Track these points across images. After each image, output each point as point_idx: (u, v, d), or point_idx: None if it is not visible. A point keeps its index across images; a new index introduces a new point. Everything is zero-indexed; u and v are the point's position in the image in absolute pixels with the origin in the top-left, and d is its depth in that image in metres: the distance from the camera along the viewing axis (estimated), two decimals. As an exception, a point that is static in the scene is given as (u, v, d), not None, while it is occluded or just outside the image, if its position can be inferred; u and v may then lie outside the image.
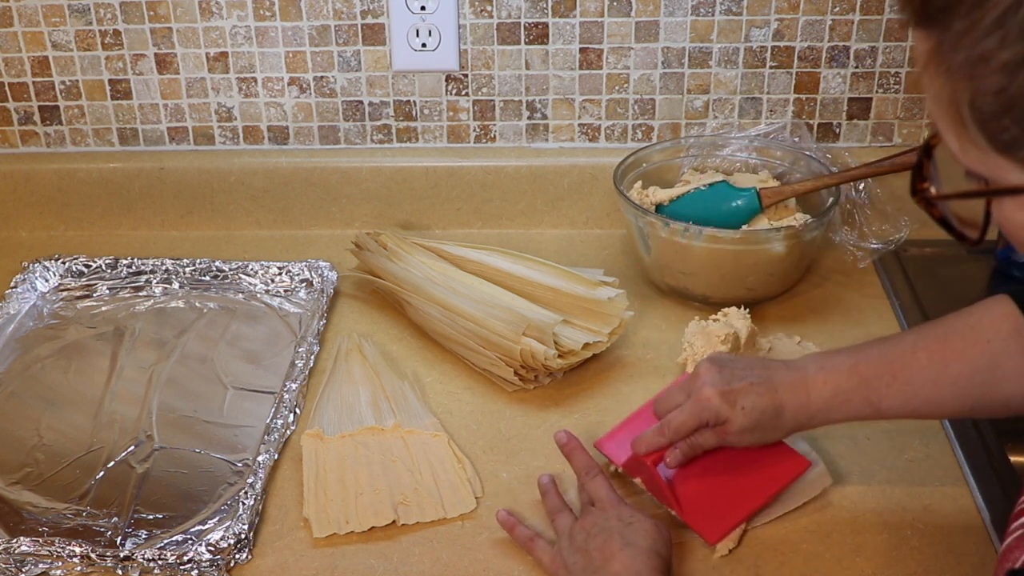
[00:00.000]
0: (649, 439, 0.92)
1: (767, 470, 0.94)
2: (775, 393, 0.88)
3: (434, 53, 1.35)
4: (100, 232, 1.44)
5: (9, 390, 1.14)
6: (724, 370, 0.90)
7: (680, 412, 0.91)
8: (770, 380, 0.89)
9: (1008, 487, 0.96)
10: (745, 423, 0.89)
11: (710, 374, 0.90)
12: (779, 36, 1.33)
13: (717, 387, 0.89)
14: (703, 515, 0.92)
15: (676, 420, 0.90)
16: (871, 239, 1.27)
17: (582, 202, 1.40)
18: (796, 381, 0.89)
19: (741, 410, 0.88)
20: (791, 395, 0.88)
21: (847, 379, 0.87)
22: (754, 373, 0.90)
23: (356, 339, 1.19)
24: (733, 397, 0.88)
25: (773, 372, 0.90)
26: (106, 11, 1.35)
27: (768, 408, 0.88)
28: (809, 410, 0.89)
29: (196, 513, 0.96)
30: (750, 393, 0.88)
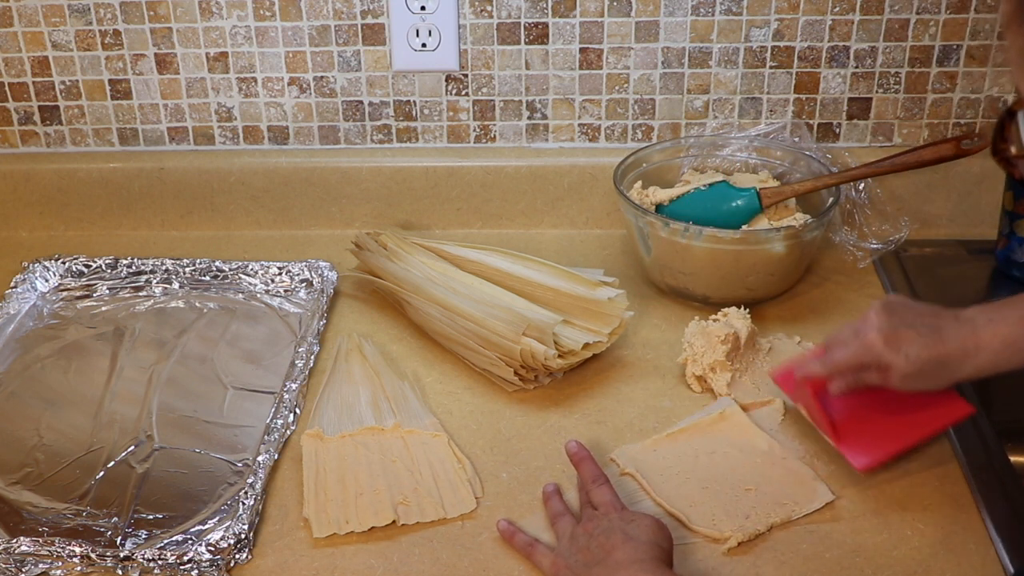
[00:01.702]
0: (812, 367, 0.96)
1: (927, 410, 0.96)
2: (942, 344, 0.90)
3: (434, 53, 1.35)
4: (100, 232, 1.44)
5: (9, 390, 1.14)
6: (894, 316, 0.91)
7: (844, 349, 0.94)
8: (938, 330, 0.90)
9: (1008, 487, 0.96)
10: (908, 370, 0.90)
11: (879, 318, 0.91)
12: (779, 36, 1.33)
13: (883, 332, 0.91)
14: (855, 442, 0.95)
15: (839, 356, 0.94)
16: (871, 239, 1.27)
17: (582, 202, 1.40)
18: (966, 334, 0.90)
19: (905, 357, 0.90)
20: (959, 346, 0.90)
21: (1016, 329, 0.89)
22: (923, 321, 0.91)
23: (356, 339, 1.19)
24: (897, 344, 0.90)
25: (944, 322, 0.91)
26: (106, 11, 1.35)
27: (932, 358, 0.90)
28: (977, 361, 0.90)
29: (196, 513, 0.96)
30: (915, 342, 0.90)
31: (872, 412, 0.98)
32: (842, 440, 0.97)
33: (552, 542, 0.92)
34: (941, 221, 1.38)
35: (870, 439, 0.96)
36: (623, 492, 0.96)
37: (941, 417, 0.97)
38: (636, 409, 1.09)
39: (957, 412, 0.97)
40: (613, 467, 1.01)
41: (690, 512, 0.94)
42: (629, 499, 0.96)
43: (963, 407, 0.97)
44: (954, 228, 1.38)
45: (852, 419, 0.97)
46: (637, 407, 1.09)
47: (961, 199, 1.37)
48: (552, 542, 0.92)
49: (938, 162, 1.20)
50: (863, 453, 0.95)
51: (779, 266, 1.20)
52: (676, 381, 1.12)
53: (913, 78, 1.34)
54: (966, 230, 1.37)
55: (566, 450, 0.98)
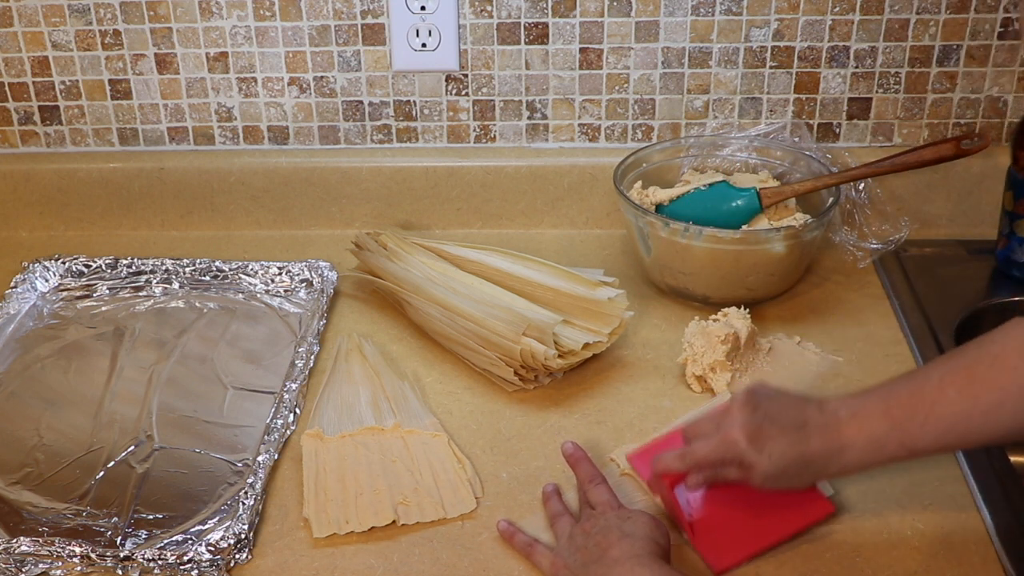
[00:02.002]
0: (669, 461, 0.90)
1: (788, 508, 0.92)
2: (807, 443, 0.86)
3: (434, 53, 1.35)
4: (100, 232, 1.44)
5: (9, 390, 1.14)
6: (758, 411, 0.87)
7: (705, 444, 0.89)
8: (803, 428, 0.86)
9: (1008, 487, 0.96)
10: (771, 470, 0.86)
11: (743, 412, 0.87)
12: (779, 36, 1.33)
13: (746, 428, 0.86)
14: (713, 542, 0.90)
15: (700, 452, 0.89)
16: (871, 239, 1.27)
17: (582, 202, 1.40)
18: (830, 432, 0.86)
19: (768, 457, 0.86)
20: (824, 446, 0.86)
21: (880, 424, 0.85)
22: (788, 417, 0.87)
23: (356, 339, 1.19)
24: (762, 442, 0.86)
25: (808, 418, 0.87)
26: (106, 11, 1.35)
27: (797, 459, 0.86)
28: (842, 460, 0.86)
29: (196, 513, 0.96)
30: (780, 440, 0.86)
31: (730, 509, 0.92)
32: (698, 539, 0.91)
33: (552, 542, 0.92)
34: (941, 221, 1.38)
35: (728, 539, 0.91)
36: (623, 492, 0.96)
37: (802, 516, 0.92)
38: (636, 409, 1.09)
39: (818, 511, 0.93)
40: (613, 467, 1.01)
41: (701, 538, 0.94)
42: (629, 499, 0.96)
43: (824, 505, 0.93)
44: (954, 228, 1.38)
45: (709, 516, 0.92)
46: (637, 407, 1.09)
47: (961, 199, 1.36)
48: (552, 542, 0.92)
49: (938, 162, 1.20)
50: (720, 554, 0.90)
51: (779, 266, 1.20)
52: (676, 381, 1.12)
53: (913, 78, 1.34)
54: (966, 230, 1.37)
55: (562, 451, 0.98)
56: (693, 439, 0.91)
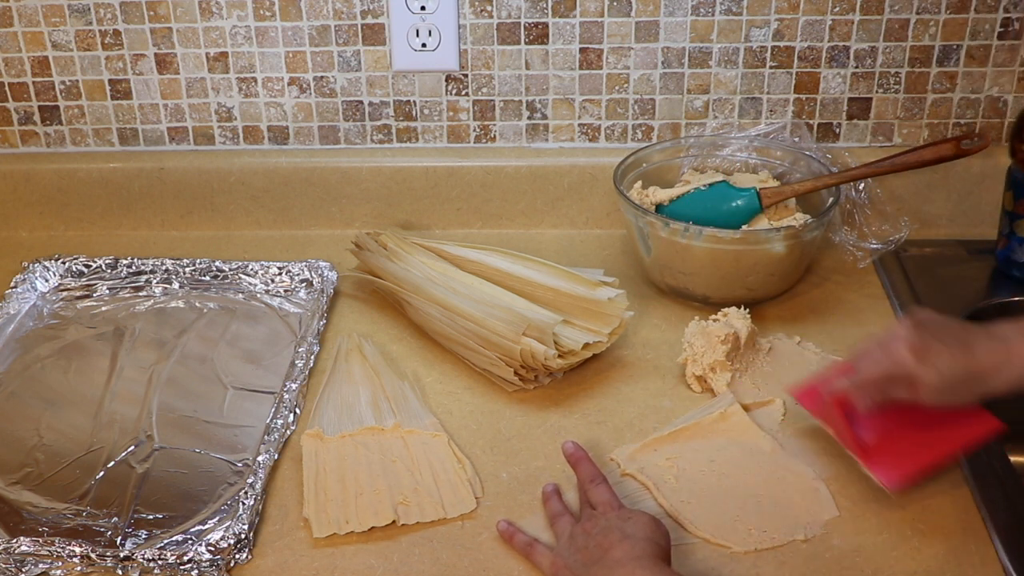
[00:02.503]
0: (838, 383, 0.94)
1: (956, 426, 0.94)
2: (972, 358, 0.89)
3: (434, 53, 1.35)
4: (100, 232, 1.44)
5: (9, 390, 1.14)
6: (923, 330, 0.90)
7: (872, 364, 0.92)
8: (968, 344, 0.89)
9: (1008, 487, 0.96)
10: (938, 384, 0.89)
11: (908, 331, 0.90)
12: (779, 36, 1.33)
13: (913, 345, 0.89)
14: (883, 460, 0.93)
15: (869, 371, 0.92)
16: (871, 239, 1.27)
17: (582, 202, 1.40)
18: (997, 349, 0.89)
19: (936, 371, 0.88)
20: (990, 360, 0.89)
21: None
22: (953, 335, 0.90)
23: (356, 339, 1.19)
24: (928, 357, 0.89)
25: (973, 336, 0.90)
26: (106, 11, 1.35)
27: (963, 372, 0.89)
28: (1010, 376, 0.89)
29: (196, 513, 0.96)
30: (946, 355, 0.88)
31: (900, 429, 0.95)
32: (871, 459, 0.94)
33: (552, 542, 0.92)
34: (941, 221, 1.38)
35: (899, 457, 0.93)
36: (624, 492, 0.96)
37: (970, 433, 0.94)
38: (636, 409, 1.09)
39: (986, 428, 0.94)
40: (613, 467, 1.01)
41: (692, 516, 0.94)
42: (630, 499, 0.96)
43: (992, 423, 0.94)
44: (954, 228, 1.38)
45: (880, 437, 0.95)
46: (637, 407, 1.09)
47: (961, 199, 1.37)
48: (552, 542, 0.92)
49: (938, 162, 1.20)
50: (893, 471, 0.93)
51: (779, 266, 1.20)
52: (676, 381, 1.12)
53: (913, 78, 1.34)
54: (966, 230, 1.37)
55: (563, 451, 0.98)
56: (860, 362, 0.93)
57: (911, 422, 0.94)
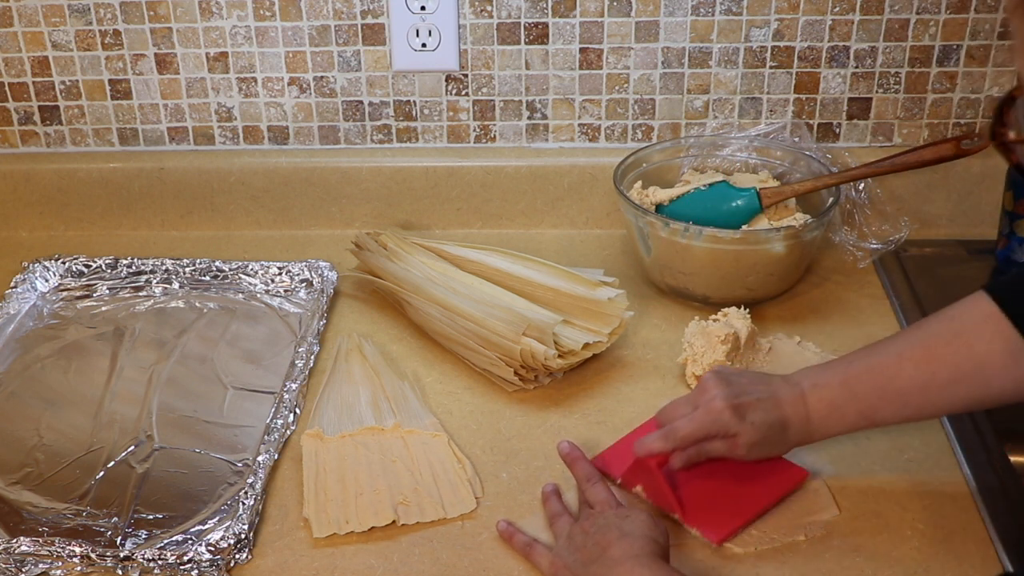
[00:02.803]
0: (652, 443, 0.92)
1: (768, 478, 0.95)
2: (780, 408, 0.91)
3: (434, 53, 1.35)
4: (100, 232, 1.44)
5: (9, 390, 1.14)
6: (732, 384, 0.92)
7: (689, 421, 0.91)
8: (774, 395, 0.91)
9: (1008, 487, 0.96)
10: (754, 437, 0.90)
11: (719, 387, 0.91)
12: (779, 36, 1.33)
13: (728, 400, 0.90)
14: (707, 516, 0.93)
15: (684, 428, 0.91)
16: (871, 239, 1.27)
17: (582, 202, 1.40)
18: (795, 397, 0.91)
19: (751, 424, 0.90)
20: (793, 410, 0.91)
21: (839, 394, 0.90)
22: (759, 388, 0.92)
23: (356, 339, 1.19)
24: (743, 411, 0.90)
25: (776, 388, 0.92)
26: (106, 11, 1.35)
27: (775, 423, 0.91)
28: (809, 425, 0.91)
29: (196, 513, 0.96)
30: (758, 408, 0.90)
31: (714, 483, 0.95)
32: (690, 516, 0.93)
33: (551, 542, 0.92)
34: (941, 221, 1.38)
35: (720, 511, 0.93)
36: (622, 493, 0.96)
37: (782, 483, 0.95)
38: (636, 409, 1.08)
39: (795, 477, 0.96)
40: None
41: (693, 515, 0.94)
42: (628, 499, 0.96)
43: (799, 472, 0.96)
44: (954, 228, 1.38)
45: (697, 492, 0.94)
46: (637, 407, 1.09)
47: (961, 199, 1.37)
48: (551, 542, 0.92)
49: (938, 162, 1.20)
50: (716, 526, 0.92)
51: (779, 266, 1.20)
52: (676, 381, 1.12)
53: (913, 78, 1.34)
54: (966, 230, 1.37)
55: (558, 451, 0.98)
56: (672, 420, 0.93)
57: (724, 476, 0.95)
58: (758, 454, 0.92)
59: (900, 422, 0.92)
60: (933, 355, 0.88)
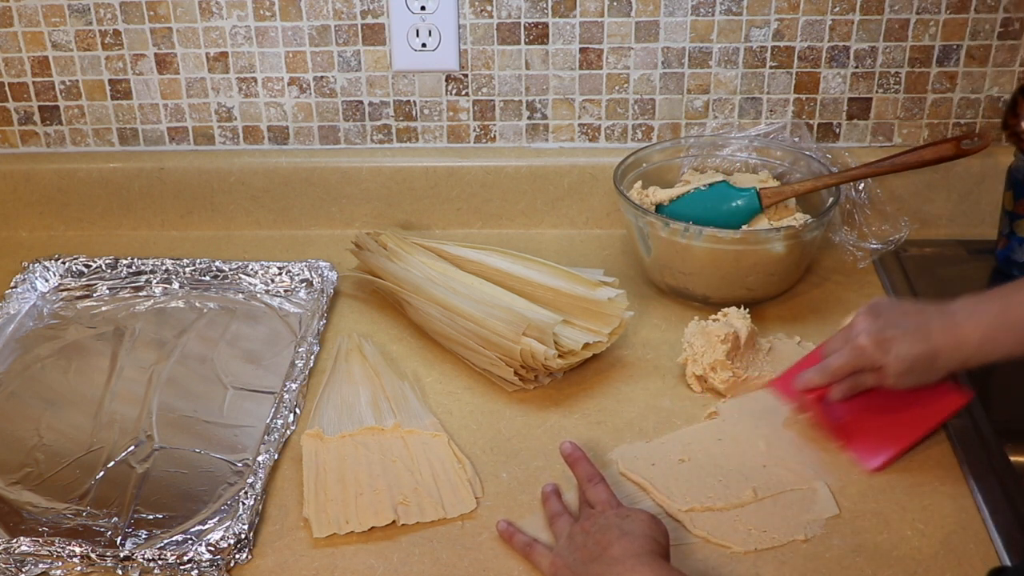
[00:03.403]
0: (809, 378, 0.99)
1: (927, 403, 0.99)
2: (928, 340, 0.94)
3: (434, 53, 1.35)
4: (100, 232, 1.44)
5: (9, 390, 1.14)
6: (879, 318, 0.96)
7: (838, 356, 0.98)
8: (924, 327, 0.94)
9: (1008, 487, 0.96)
10: (900, 368, 0.94)
11: (866, 322, 0.96)
12: (779, 36, 1.33)
13: (872, 336, 0.95)
14: (864, 444, 0.98)
15: (834, 363, 0.98)
16: (871, 239, 1.27)
17: (582, 202, 1.40)
18: (948, 326, 0.93)
19: (896, 357, 0.94)
20: (943, 340, 0.93)
21: (995, 323, 0.92)
22: (909, 320, 0.95)
23: (356, 339, 1.19)
24: (887, 345, 0.94)
25: (928, 319, 0.95)
26: (106, 11, 1.35)
27: (921, 355, 0.94)
28: (962, 353, 0.94)
29: (196, 513, 0.96)
30: (903, 341, 0.94)
31: (875, 413, 1.00)
32: (851, 444, 0.99)
33: (551, 542, 0.92)
34: (941, 221, 1.38)
35: (877, 439, 0.99)
36: (623, 493, 0.96)
37: (942, 408, 1.00)
38: (636, 409, 1.09)
39: (956, 401, 1.00)
40: (613, 467, 1.01)
41: (693, 516, 0.94)
42: (629, 500, 0.96)
43: (960, 395, 1.00)
44: (954, 228, 1.38)
45: (857, 422, 1.00)
46: (637, 407, 1.09)
47: (961, 199, 1.37)
48: (551, 542, 0.92)
49: (938, 162, 1.20)
50: (873, 454, 0.98)
51: (779, 266, 1.20)
52: (676, 381, 1.12)
53: (913, 78, 1.34)
54: (966, 230, 1.37)
55: (560, 451, 0.98)
56: (827, 354, 0.99)
57: (883, 405, 0.99)
58: (908, 383, 0.96)
59: None
60: None
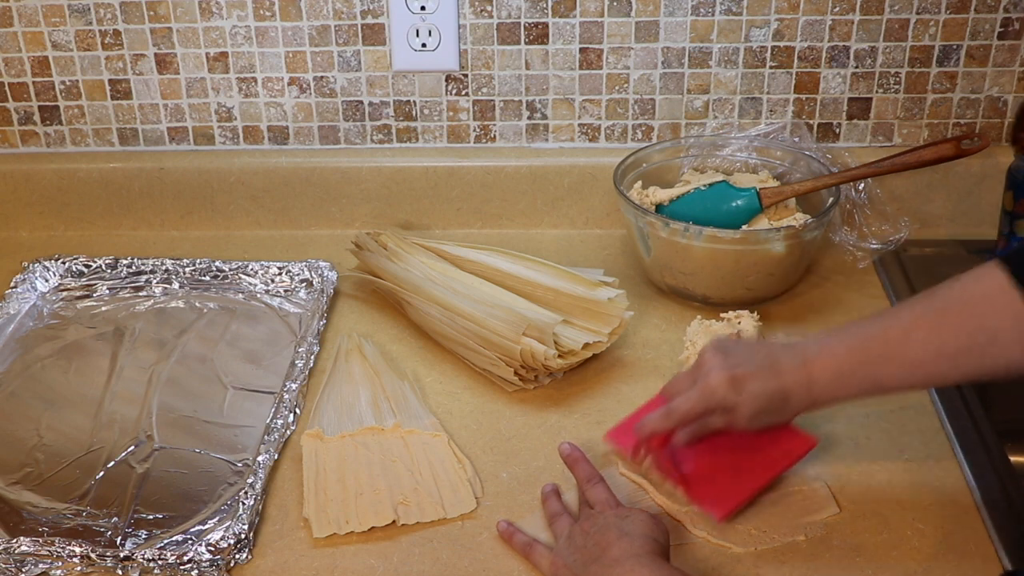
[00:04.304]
0: (654, 422, 0.92)
1: (774, 449, 0.95)
2: (780, 377, 0.89)
3: (434, 53, 1.35)
4: (100, 232, 1.44)
5: (9, 390, 1.14)
6: (729, 356, 0.90)
7: (687, 399, 0.91)
8: (775, 365, 0.89)
9: (1008, 487, 0.96)
10: (753, 408, 0.89)
11: (716, 360, 0.90)
12: (779, 36, 1.33)
13: (724, 372, 0.89)
14: (710, 493, 0.93)
15: (683, 406, 0.91)
16: (871, 239, 1.27)
17: (582, 202, 1.40)
18: (798, 365, 0.89)
19: (749, 395, 0.89)
20: (795, 378, 0.89)
21: (845, 361, 0.88)
22: (757, 358, 0.90)
23: (356, 339, 1.19)
24: (740, 383, 0.89)
25: (777, 356, 0.90)
26: (106, 11, 1.35)
27: (775, 393, 0.89)
28: (813, 392, 0.89)
29: (196, 513, 0.96)
30: (756, 379, 0.89)
31: (719, 458, 0.95)
32: (694, 494, 0.93)
33: (551, 542, 0.92)
34: (941, 221, 1.38)
35: (722, 488, 0.93)
36: (621, 491, 0.96)
37: (789, 454, 0.95)
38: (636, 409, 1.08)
39: (802, 446, 0.96)
40: (612, 467, 1.01)
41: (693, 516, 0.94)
42: (629, 500, 0.96)
43: (807, 440, 0.96)
44: (954, 228, 1.38)
45: (701, 470, 0.95)
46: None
47: (961, 199, 1.37)
48: (551, 542, 0.92)
49: (938, 162, 1.20)
50: (719, 503, 0.92)
51: (779, 266, 1.20)
52: (676, 381, 1.12)
53: (913, 78, 1.34)
54: (966, 230, 1.37)
55: (559, 452, 0.98)
56: (672, 397, 0.93)
57: (729, 449, 0.95)
58: (760, 424, 0.91)
59: (907, 390, 0.91)
60: (944, 323, 0.86)
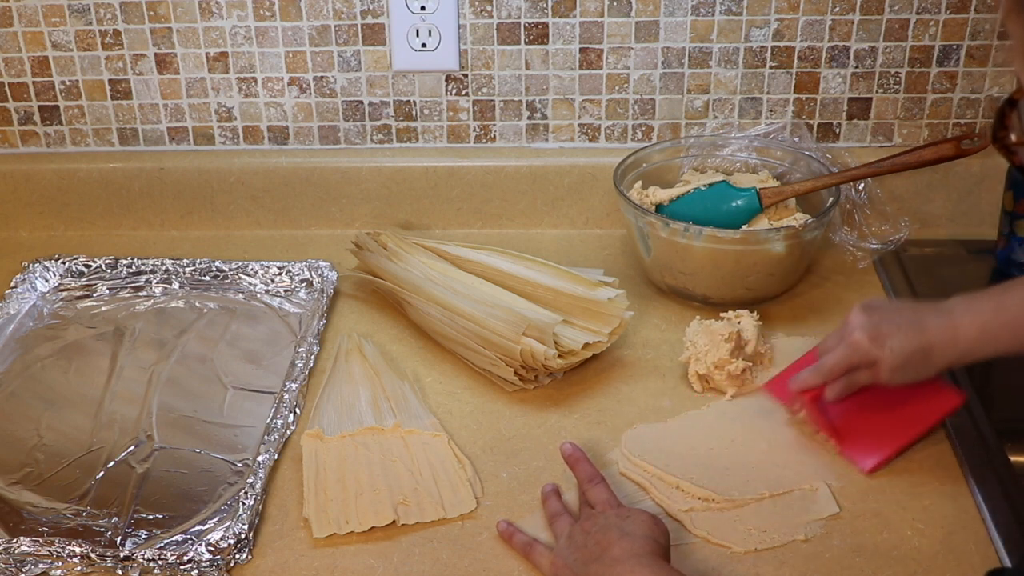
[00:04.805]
0: (804, 378, 1.00)
1: (921, 403, 1.00)
2: (924, 334, 0.94)
3: (434, 53, 1.35)
4: (100, 232, 1.44)
5: (9, 390, 1.14)
6: (874, 314, 0.97)
7: (833, 355, 0.98)
8: (920, 322, 0.95)
9: (1008, 487, 0.96)
10: (895, 362, 0.95)
11: (861, 318, 0.96)
12: (779, 36, 1.33)
13: (866, 331, 0.95)
14: (859, 445, 0.98)
15: (829, 362, 0.98)
16: (871, 239, 1.28)
17: (582, 202, 1.40)
18: (944, 323, 0.94)
19: (890, 350, 0.94)
20: (939, 336, 0.94)
21: (993, 319, 0.93)
22: (903, 316, 0.96)
23: (356, 339, 1.19)
24: (882, 339, 0.95)
25: (922, 315, 0.95)
26: (106, 11, 1.35)
27: (917, 349, 0.94)
28: (957, 349, 0.94)
29: (196, 513, 0.96)
30: (898, 335, 0.94)
31: (870, 413, 1.00)
32: (846, 445, 0.99)
33: (551, 542, 0.92)
34: (941, 221, 1.38)
35: (871, 440, 0.99)
36: (622, 492, 0.96)
37: (936, 409, 1.00)
38: (636, 409, 1.09)
39: (950, 402, 1.00)
40: (613, 467, 1.01)
41: (693, 516, 0.94)
42: (629, 500, 0.96)
43: (954, 396, 1.00)
44: (954, 228, 1.38)
45: (852, 423, 1.00)
46: (637, 407, 1.09)
47: (961, 199, 1.37)
48: (551, 542, 0.92)
49: (938, 162, 1.20)
50: (867, 455, 0.98)
51: (779, 266, 1.20)
52: (676, 381, 1.12)
53: (913, 78, 1.34)
54: (966, 230, 1.37)
55: (561, 452, 0.98)
56: (822, 354, 1.00)
57: (879, 405, 1.00)
58: (903, 379, 0.96)
59: None
60: None
